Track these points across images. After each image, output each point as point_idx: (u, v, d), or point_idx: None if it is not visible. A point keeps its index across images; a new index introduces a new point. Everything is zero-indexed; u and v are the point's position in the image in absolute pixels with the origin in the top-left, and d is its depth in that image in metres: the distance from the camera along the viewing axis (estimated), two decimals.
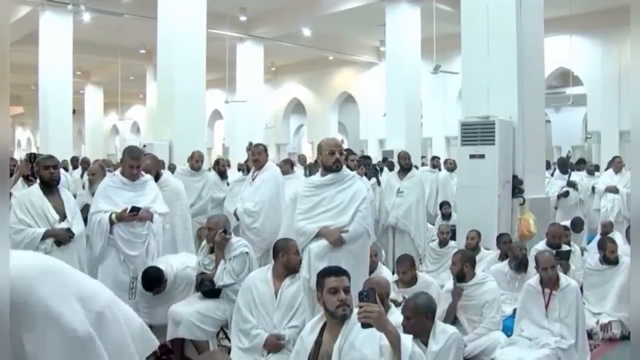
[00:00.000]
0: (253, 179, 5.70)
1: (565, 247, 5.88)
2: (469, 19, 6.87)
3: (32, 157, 5.14)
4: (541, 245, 5.76)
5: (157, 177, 5.36)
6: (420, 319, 3.39)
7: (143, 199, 4.59)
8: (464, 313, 4.43)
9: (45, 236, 4.21)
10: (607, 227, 6.97)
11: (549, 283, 4.18)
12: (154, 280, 4.35)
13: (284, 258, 3.87)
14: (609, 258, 5.37)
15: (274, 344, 3.67)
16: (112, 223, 4.48)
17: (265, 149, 5.87)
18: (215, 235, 4.36)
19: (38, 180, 4.46)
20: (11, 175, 5.39)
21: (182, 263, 4.57)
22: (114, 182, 4.69)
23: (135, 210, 4.44)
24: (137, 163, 4.62)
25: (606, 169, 9.70)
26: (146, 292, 4.42)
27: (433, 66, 13.09)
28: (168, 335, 4.30)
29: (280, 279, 3.85)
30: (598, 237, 6.94)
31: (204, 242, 4.70)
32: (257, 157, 5.68)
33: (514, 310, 4.53)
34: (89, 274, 4.52)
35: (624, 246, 5.86)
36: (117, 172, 4.78)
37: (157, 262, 4.49)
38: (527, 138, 6.53)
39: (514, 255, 5.24)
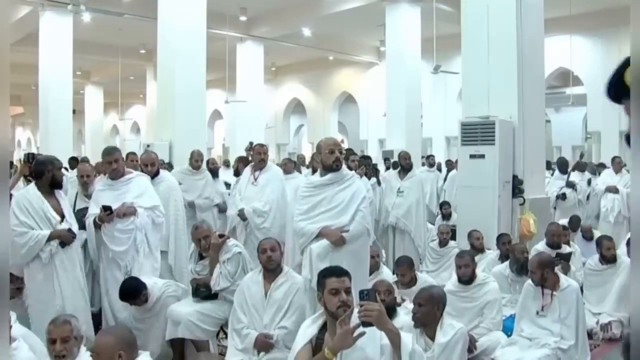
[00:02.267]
0: (255, 179, 5.71)
1: (566, 248, 5.87)
2: (469, 19, 6.87)
3: (30, 157, 5.16)
4: (541, 245, 5.75)
5: (156, 174, 5.47)
6: (432, 308, 3.48)
7: (126, 196, 4.62)
8: (466, 314, 4.43)
9: (50, 238, 4.23)
10: (588, 233, 6.97)
11: (538, 283, 4.17)
12: (130, 290, 4.26)
13: (260, 258, 3.91)
14: (606, 256, 5.38)
15: (263, 343, 3.68)
16: (98, 225, 4.56)
17: (267, 149, 5.96)
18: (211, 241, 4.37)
19: (34, 181, 4.49)
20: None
21: (172, 291, 4.47)
22: (101, 185, 4.83)
23: (107, 209, 4.46)
24: (108, 159, 4.68)
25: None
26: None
27: (433, 66, 13.07)
28: (167, 335, 4.31)
29: (269, 280, 3.85)
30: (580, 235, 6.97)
31: (192, 247, 4.69)
32: (262, 156, 5.75)
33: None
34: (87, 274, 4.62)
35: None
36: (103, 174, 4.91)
37: (145, 278, 4.43)
38: (527, 138, 6.54)
39: (515, 258, 5.20)
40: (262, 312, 3.79)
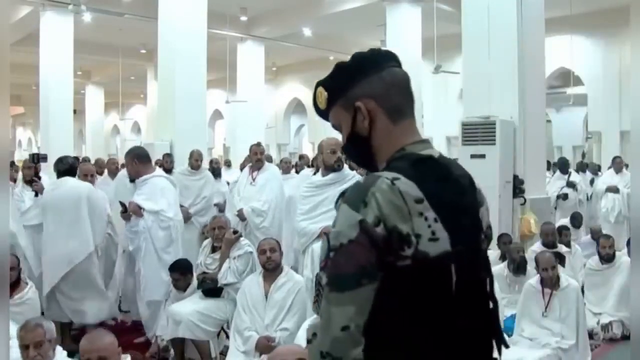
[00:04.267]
0: (253, 179, 5.72)
1: (562, 247, 5.85)
2: (470, 19, 6.87)
3: (35, 158, 5.22)
4: (537, 245, 5.75)
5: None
6: None
7: (137, 197, 4.78)
8: None
9: None
10: (597, 234, 6.92)
11: (550, 283, 4.18)
12: (180, 264, 4.52)
13: (259, 259, 3.94)
14: (602, 254, 5.38)
15: (265, 346, 3.68)
16: None
17: (264, 149, 6.02)
18: (225, 233, 4.40)
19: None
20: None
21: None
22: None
23: (122, 205, 4.90)
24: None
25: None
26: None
27: (434, 66, 13.08)
28: (168, 335, 4.31)
29: (269, 281, 3.86)
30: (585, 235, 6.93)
31: (205, 242, 4.72)
32: (260, 156, 5.76)
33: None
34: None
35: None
36: None
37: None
38: (527, 138, 6.53)
39: (512, 258, 5.19)
40: (263, 313, 3.79)
